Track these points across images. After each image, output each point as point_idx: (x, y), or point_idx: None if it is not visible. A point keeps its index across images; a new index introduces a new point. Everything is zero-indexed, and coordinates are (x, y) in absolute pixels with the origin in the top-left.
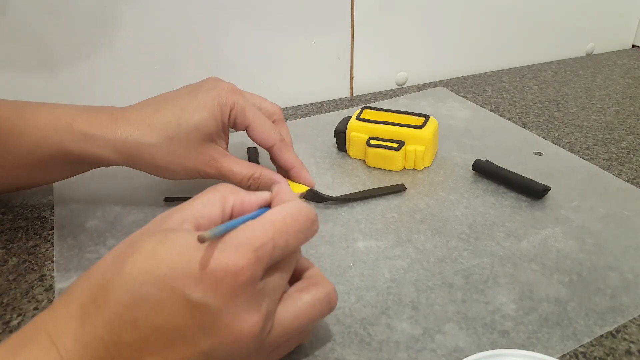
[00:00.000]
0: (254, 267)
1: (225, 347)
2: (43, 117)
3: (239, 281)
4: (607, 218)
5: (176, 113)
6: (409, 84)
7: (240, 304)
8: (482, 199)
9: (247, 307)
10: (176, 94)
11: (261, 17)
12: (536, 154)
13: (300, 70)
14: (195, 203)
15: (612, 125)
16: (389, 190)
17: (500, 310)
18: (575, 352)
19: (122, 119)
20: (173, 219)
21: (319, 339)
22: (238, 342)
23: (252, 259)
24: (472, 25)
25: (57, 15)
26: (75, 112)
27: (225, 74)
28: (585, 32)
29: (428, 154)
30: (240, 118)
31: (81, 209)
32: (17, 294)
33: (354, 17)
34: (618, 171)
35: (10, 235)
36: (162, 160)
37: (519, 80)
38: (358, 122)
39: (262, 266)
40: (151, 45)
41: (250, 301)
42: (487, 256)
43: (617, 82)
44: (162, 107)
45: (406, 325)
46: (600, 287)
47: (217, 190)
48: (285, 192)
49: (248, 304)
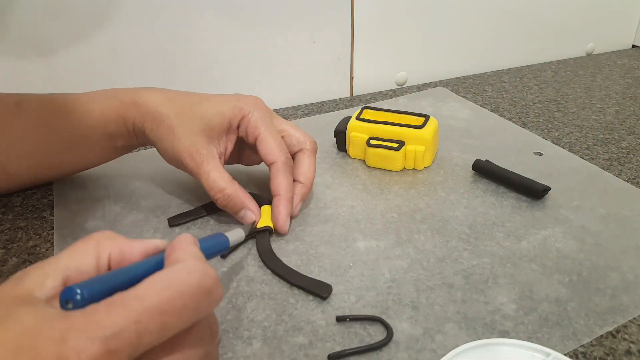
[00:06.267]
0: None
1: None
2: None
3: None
4: (607, 218)
5: (193, 100)
6: (409, 84)
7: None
8: (482, 199)
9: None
10: (213, 94)
11: (261, 17)
12: (536, 154)
13: (300, 70)
14: (62, 255)
15: (612, 125)
16: (312, 288)
17: (500, 310)
18: (575, 352)
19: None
20: (32, 277)
21: (319, 339)
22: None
23: (100, 355)
24: (472, 25)
25: (57, 15)
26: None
27: (226, 73)
28: (585, 32)
29: (428, 154)
30: (252, 128)
31: (81, 209)
32: None
33: (354, 17)
34: (618, 171)
35: (10, 235)
36: (162, 132)
37: (519, 80)
38: (358, 122)
39: None
40: (151, 46)
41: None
42: (487, 256)
43: (617, 82)
44: (185, 94)
45: (406, 325)
46: (600, 287)
47: (90, 237)
48: (181, 247)
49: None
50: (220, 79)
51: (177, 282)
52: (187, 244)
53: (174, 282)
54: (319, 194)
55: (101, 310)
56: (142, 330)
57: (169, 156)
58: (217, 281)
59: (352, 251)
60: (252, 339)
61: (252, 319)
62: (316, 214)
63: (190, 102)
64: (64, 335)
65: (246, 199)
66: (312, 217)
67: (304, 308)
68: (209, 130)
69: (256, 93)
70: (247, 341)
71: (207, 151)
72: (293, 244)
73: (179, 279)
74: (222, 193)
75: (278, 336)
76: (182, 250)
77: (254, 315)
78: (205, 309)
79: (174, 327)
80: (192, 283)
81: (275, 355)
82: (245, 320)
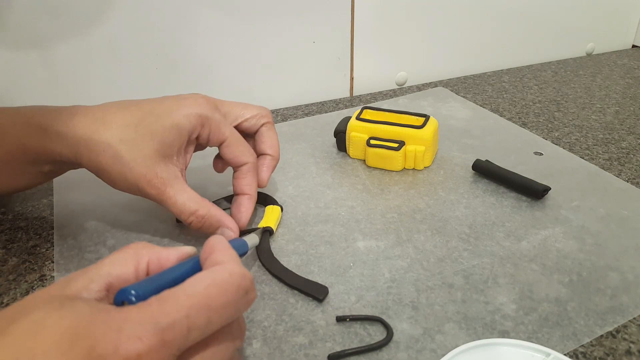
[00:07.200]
0: (158, 354)
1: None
2: (6, 114)
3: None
4: (607, 218)
5: (138, 116)
6: (409, 84)
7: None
8: (482, 199)
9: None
10: (152, 99)
11: (261, 17)
12: (536, 154)
13: (300, 70)
14: (104, 262)
15: (612, 125)
16: (309, 290)
17: (500, 310)
18: (575, 352)
19: (82, 114)
20: (78, 281)
21: (319, 339)
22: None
23: (156, 343)
24: (472, 25)
25: (55, 12)
26: (39, 109)
27: (225, 73)
28: (585, 32)
29: (428, 154)
30: (215, 134)
31: (81, 209)
32: (17, 294)
33: (354, 17)
34: (618, 171)
35: (10, 235)
36: (106, 164)
37: (519, 80)
38: (358, 122)
39: (171, 352)
40: (151, 46)
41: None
42: (487, 256)
43: (617, 82)
44: (127, 107)
45: (406, 325)
46: (600, 287)
47: (128, 247)
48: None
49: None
50: (220, 79)
51: (220, 282)
52: (225, 246)
53: (217, 281)
54: (319, 194)
55: (154, 305)
56: (192, 325)
57: (122, 187)
58: (253, 283)
59: (352, 251)
60: (252, 339)
61: (252, 319)
62: (316, 214)
63: (135, 121)
64: (120, 325)
65: (222, 216)
66: (312, 217)
67: (304, 308)
68: (165, 148)
69: (256, 93)
70: (247, 341)
71: (167, 173)
72: (293, 244)
73: (223, 279)
74: (194, 216)
75: (278, 336)
76: (222, 252)
77: (254, 315)
78: (242, 308)
79: (216, 324)
80: (234, 283)
81: (275, 355)
82: (245, 320)
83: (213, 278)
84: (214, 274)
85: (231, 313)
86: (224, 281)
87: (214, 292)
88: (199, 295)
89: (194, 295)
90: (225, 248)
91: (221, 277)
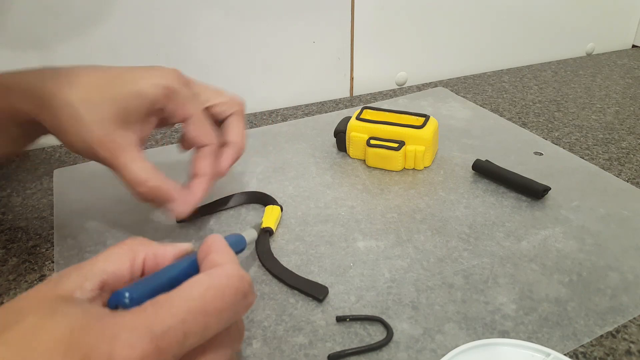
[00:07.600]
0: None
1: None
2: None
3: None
4: (607, 218)
5: (104, 79)
6: (409, 84)
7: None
8: (482, 199)
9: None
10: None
11: (261, 18)
12: (536, 154)
13: (300, 70)
14: (98, 258)
15: (612, 125)
16: (308, 290)
17: (500, 310)
18: (575, 352)
19: (48, 74)
20: (71, 279)
21: (319, 339)
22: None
23: (151, 351)
24: (472, 25)
25: (55, 12)
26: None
27: (225, 73)
28: (585, 32)
29: (428, 154)
30: (180, 109)
31: (81, 209)
32: (17, 294)
33: (354, 17)
34: (618, 171)
35: (10, 235)
36: (66, 122)
37: (519, 80)
38: (358, 122)
39: (167, 359)
40: (151, 46)
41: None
42: (487, 256)
43: (617, 82)
44: (95, 70)
45: (406, 325)
46: (600, 287)
47: (124, 243)
48: (217, 249)
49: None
50: (220, 79)
51: (218, 285)
52: (223, 246)
53: (214, 284)
54: (319, 194)
55: (149, 310)
56: (188, 330)
57: (78, 149)
58: (251, 285)
59: (352, 251)
60: (252, 339)
61: (252, 319)
62: (316, 214)
63: (100, 83)
64: (114, 332)
65: (173, 192)
66: (312, 217)
67: (304, 308)
68: (125, 114)
69: (256, 93)
70: (247, 341)
71: (123, 139)
72: (293, 244)
73: (220, 282)
74: (145, 186)
75: (278, 336)
76: (219, 253)
77: (254, 315)
78: (240, 312)
79: (214, 328)
80: (232, 286)
81: (275, 355)
82: (245, 321)
83: (210, 281)
84: (211, 277)
85: (229, 317)
86: (221, 284)
87: (211, 296)
88: (195, 300)
89: (190, 300)
90: (223, 248)
91: (219, 281)
